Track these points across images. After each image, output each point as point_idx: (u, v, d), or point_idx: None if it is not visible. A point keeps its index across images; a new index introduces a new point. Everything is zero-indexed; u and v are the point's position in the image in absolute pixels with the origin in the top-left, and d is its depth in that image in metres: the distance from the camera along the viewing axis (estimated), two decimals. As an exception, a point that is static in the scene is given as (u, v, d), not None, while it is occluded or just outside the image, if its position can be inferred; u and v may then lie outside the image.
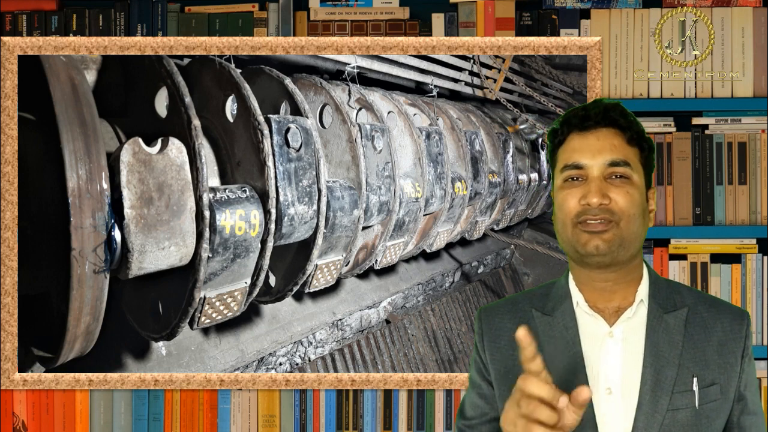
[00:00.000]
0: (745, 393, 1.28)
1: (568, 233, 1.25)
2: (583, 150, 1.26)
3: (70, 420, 2.24)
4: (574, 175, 1.25)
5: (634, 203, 1.23)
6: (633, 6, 2.29)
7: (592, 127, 1.27)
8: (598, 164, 1.24)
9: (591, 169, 1.24)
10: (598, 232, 1.22)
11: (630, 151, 1.26)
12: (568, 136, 1.29)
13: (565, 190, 1.26)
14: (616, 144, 1.25)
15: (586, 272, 1.28)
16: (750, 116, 2.28)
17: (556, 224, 1.29)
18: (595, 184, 1.23)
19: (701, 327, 1.27)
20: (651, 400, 1.22)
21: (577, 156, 1.26)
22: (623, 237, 1.23)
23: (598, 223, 1.22)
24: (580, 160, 1.25)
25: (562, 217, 1.26)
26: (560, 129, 1.30)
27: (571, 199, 1.24)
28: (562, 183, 1.27)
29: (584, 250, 1.23)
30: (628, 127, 1.27)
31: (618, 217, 1.22)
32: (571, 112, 1.30)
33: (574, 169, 1.25)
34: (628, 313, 1.26)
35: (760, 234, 2.25)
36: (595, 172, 1.24)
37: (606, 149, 1.25)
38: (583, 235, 1.23)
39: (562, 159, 1.28)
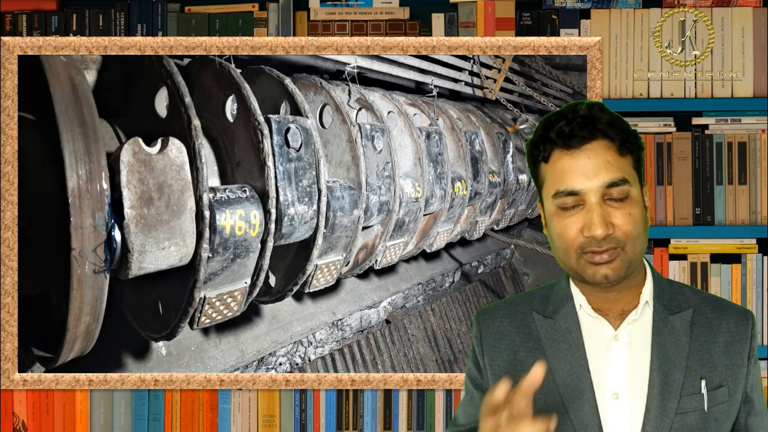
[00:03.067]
0: (751, 394, 1.26)
1: (572, 262, 1.19)
2: (575, 173, 1.15)
3: (70, 420, 2.24)
4: (570, 203, 1.16)
5: (637, 223, 1.16)
6: (633, 6, 2.29)
7: (579, 144, 1.16)
8: (594, 188, 1.15)
9: (588, 194, 1.15)
10: (605, 263, 1.16)
11: (624, 162, 1.17)
12: (552, 154, 1.18)
13: (563, 219, 1.17)
14: (610, 159, 1.15)
15: (588, 286, 1.24)
16: (750, 116, 2.28)
17: (555, 250, 1.22)
18: (597, 214, 1.14)
19: (707, 328, 1.24)
20: (659, 404, 1.19)
21: (570, 181, 1.16)
22: (630, 260, 1.18)
23: (604, 254, 1.16)
24: (574, 185, 1.15)
25: (563, 247, 1.18)
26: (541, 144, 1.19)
27: (570, 229, 1.17)
28: (556, 209, 1.18)
29: (592, 279, 1.18)
30: (616, 134, 1.16)
31: (623, 243, 1.16)
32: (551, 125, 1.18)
33: (569, 195, 1.16)
34: (633, 315, 1.23)
35: (760, 234, 2.25)
36: (593, 198, 1.15)
37: (601, 169, 1.15)
38: (590, 267, 1.17)
39: (551, 181, 1.18)
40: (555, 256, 1.23)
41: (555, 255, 1.23)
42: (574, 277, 1.24)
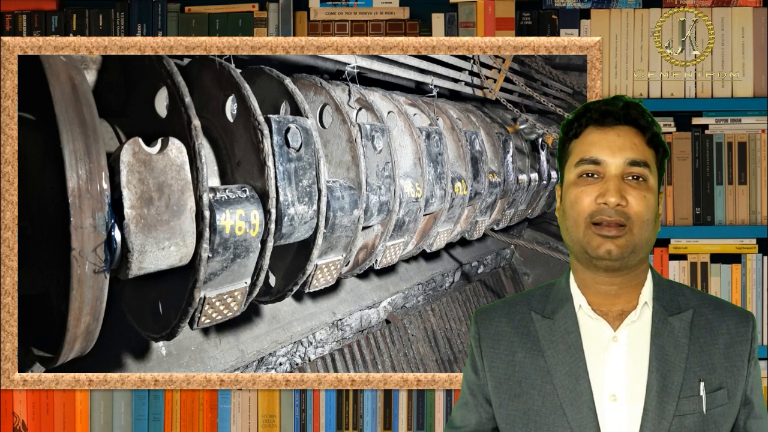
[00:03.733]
0: (751, 397, 1.25)
1: (579, 233, 1.21)
2: (602, 145, 1.21)
3: (70, 420, 2.24)
4: (591, 170, 1.21)
5: (649, 208, 1.20)
6: (633, 6, 2.29)
7: (612, 123, 1.22)
8: (617, 162, 1.20)
9: (609, 166, 1.20)
10: (612, 237, 1.18)
11: (648, 152, 1.22)
12: (585, 129, 1.24)
13: (580, 186, 1.21)
14: (637, 143, 1.21)
15: (590, 274, 1.24)
16: (750, 116, 2.28)
17: (564, 221, 1.24)
18: (613, 183, 1.18)
19: (707, 330, 1.24)
20: (658, 406, 1.19)
21: (596, 151, 1.21)
22: (635, 243, 1.19)
23: (612, 227, 1.18)
24: (599, 155, 1.20)
25: (574, 215, 1.21)
26: (576, 121, 1.25)
27: (586, 196, 1.20)
28: (576, 178, 1.22)
29: (595, 253, 1.20)
30: (648, 127, 1.22)
31: (632, 222, 1.18)
32: (591, 104, 1.25)
33: (591, 164, 1.21)
34: (632, 317, 1.23)
35: (760, 234, 2.25)
36: (613, 170, 1.19)
37: (627, 147, 1.20)
38: (596, 238, 1.19)
39: (578, 152, 1.23)
40: (563, 231, 1.25)
41: (563, 230, 1.25)
42: (579, 256, 1.24)
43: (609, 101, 1.24)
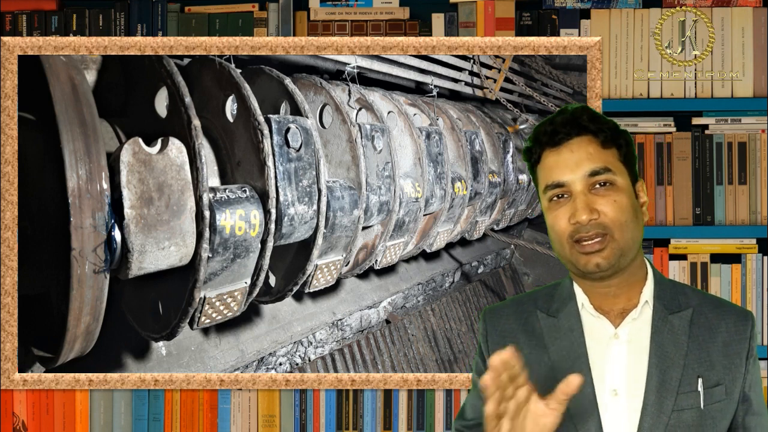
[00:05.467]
0: (749, 394, 1.28)
1: (566, 253, 1.25)
2: (559, 166, 1.24)
3: (70, 420, 2.24)
4: (558, 193, 1.24)
5: (624, 210, 1.22)
6: (633, 6, 2.29)
7: (563, 140, 1.25)
8: (578, 178, 1.22)
9: (573, 184, 1.23)
10: (596, 251, 1.22)
11: (607, 154, 1.24)
12: (543, 154, 1.27)
13: (553, 211, 1.25)
14: (592, 151, 1.23)
15: (588, 282, 1.28)
16: (750, 116, 2.28)
17: (552, 242, 1.28)
18: (580, 200, 1.22)
19: (706, 328, 1.27)
20: (656, 400, 1.22)
21: (556, 174, 1.24)
22: (621, 247, 1.22)
23: (593, 243, 1.21)
24: (560, 177, 1.24)
25: (556, 238, 1.25)
26: (533, 148, 1.28)
27: (560, 220, 1.24)
28: (548, 203, 1.26)
29: (585, 268, 1.23)
30: (599, 130, 1.24)
31: (610, 229, 1.21)
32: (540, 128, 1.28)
33: (556, 188, 1.24)
34: (633, 314, 1.27)
35: (760, 234, 2.25)
36: (577, 187, 1.23)
37: (583, 160, 1.23)
38: (582, 257, 1.23)
39: (542, 178, 1.27)
40: (553, 249, 1.29)
41: (553, 248, 1.29)
42: (572, 270, 1.28)
43: (553, 118, 1.26)
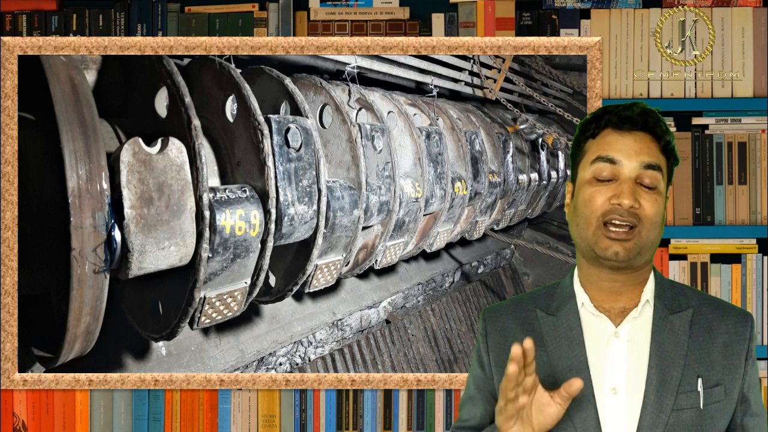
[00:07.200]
0: (748, 394, 1.28)
1: (589, 232, 1.24)
2: (619, 147, 1.24)
3: (70, 420, 2.24)
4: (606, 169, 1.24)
5: (659, 212, 1.23)
6: (633, 6, 2.29)
7: (629, 128, 1.25)
8: (632, 165, 1.23)
9: (625, 168, 1.23)
10: (621, 240, 1.22)
11: (662, 159, 1.26)
12: (603, 131, 1.27)
13: (594, 186, 1.24)
14: (652, 149, 1.25)
15: (595, 271, 1.28)
16: (750, 116, 2.28)
17: (575, 218, 1.27)
18: (627, 186, 1.22)
19: (706, 328, 1.27)
20: (656, 400, 1.23)
21: (613, 151, 1.24)
22: (642, 245, 1.23)
23: (622, 231, 1.22)
24: (616, 155, 1.24)
25: (586, 213, 1.24)
26: (595, 122, 1.28)
27: (599, 196, 1.23)
28: (590, 177, 1.25)
29: (603, 253, 1.23)
30: (663, 135, 1.26)
31: (642, 224, 1.22)
32: (610, 108, 1.28)
33: (607, 162, 1.24)
34: (633, 314, 1.27)
35: (760, 234, 2.25)
36: (628, 173, 1.23)
37: (643, 151, 1.24)
38: (605, 240, 1.23)
39: (595, 150, 1.26)
40: (572, 228, 1.28)
41: (572, 227, 1.28)
42: (586, 254, 1.27)
43: (628, 107, 1.27)
